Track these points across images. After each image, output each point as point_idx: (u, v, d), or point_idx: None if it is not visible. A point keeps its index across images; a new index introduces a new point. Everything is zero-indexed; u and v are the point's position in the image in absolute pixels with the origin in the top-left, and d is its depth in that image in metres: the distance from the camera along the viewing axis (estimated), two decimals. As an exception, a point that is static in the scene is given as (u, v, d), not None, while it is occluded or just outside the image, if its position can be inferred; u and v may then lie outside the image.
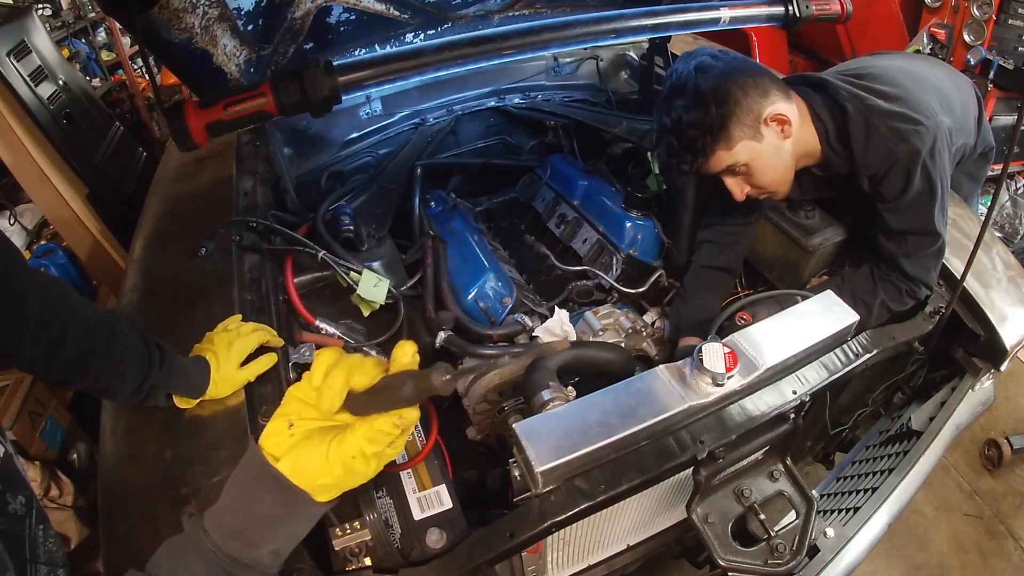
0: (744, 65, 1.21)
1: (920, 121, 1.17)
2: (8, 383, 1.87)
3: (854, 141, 1.21)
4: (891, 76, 1.27)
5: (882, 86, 1.23)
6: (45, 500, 1.74)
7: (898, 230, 1.25)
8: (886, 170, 1.20)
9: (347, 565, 0.87)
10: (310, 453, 0.65)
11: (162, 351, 0.95)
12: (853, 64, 1.44)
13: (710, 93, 1.16)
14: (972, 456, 2.31)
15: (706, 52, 1.23)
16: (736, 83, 1.17)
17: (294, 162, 1.89)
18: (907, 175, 1.18)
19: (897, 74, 1.28)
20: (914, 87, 1.24)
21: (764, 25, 1.71)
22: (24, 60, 2.33)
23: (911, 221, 1.23)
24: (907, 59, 1.47)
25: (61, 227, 2.41)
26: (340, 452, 0.65)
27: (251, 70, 1.48)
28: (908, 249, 1.26)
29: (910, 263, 1.27)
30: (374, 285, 1.34)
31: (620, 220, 1.76)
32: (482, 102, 2.19)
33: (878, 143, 1.18)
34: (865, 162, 1.21)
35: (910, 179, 1.18)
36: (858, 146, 1.21)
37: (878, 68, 1.32)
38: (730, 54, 1.24)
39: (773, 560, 0.97)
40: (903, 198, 1.21)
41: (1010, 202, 3.18)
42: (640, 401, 0.96)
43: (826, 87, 1.26)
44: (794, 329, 1.08)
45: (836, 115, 1.23)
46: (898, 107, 1.18)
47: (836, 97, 1.23)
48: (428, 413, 1.07)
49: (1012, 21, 2.94)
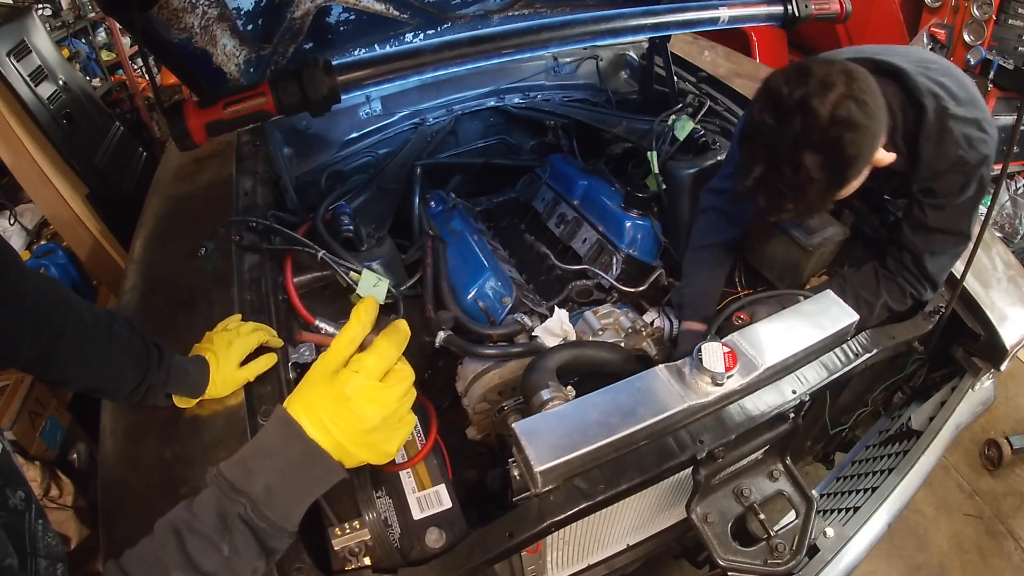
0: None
1: (987, 130, 1.16)
2: (8, 383, 1.87)
3: (924, 141, 1.16)
4: (958, 76, 1.21)
5: (953, 86, 1.18)
6: (45, 500, 1.74)
7: (935, 227, 1.23)
8: (947, 171, 1.17)
9: (346, 565, 0.86)
10: (309, 387, 0.68)
11: (160, 350, 0.95)
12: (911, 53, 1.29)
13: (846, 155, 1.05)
14: (972, 456, 2.31)
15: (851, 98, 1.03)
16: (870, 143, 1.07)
17: (294, 162, 1.88)
18: (966, 179, 1.17)
19: (960, 75, 1.23)
20: (976, 92, 1.21)
21: (763, 24, 1.71)
22: (24, 60, 2.33)
23: (951, 221, 1.22)
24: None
25: (61, 227, 2.41)
26: (336, 385, 0.67)
27: (251, 70, 1.48)
28: (936, 247, 1.25)
29: (932, 261, 1.25)
30: (374, 285, 1.34)
31: (620, 220, 1.76)
32: (482, 102, 2.19)
33: (950, 147, 1.15)
34: (931, 162, 1.18)
35: (968, 183, 1.17)
36: (928, 146, 1.16)
37: (942, 65, 1.24)
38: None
39: (773, 560, 0.97)
40: (954, 199, 1.19)
41: (1010, 202, 3.18)
42: (639, 401, 0.96)
43: (903, 78, 1.17)
44: (794, 329, 1.08)
45: (909, 111, 1.17)
46: (970, 112, 1.16)
47: (914, 92, 1.15)
48: (428, 413, 1.07)
49: (1012, 21, 2.94)
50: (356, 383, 0.67)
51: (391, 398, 0.70)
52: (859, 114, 1.01)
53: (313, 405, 0.67)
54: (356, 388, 0.67)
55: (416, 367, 0.78)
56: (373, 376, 0.69)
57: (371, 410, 0.68)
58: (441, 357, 1.46)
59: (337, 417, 0.66)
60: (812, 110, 1.01)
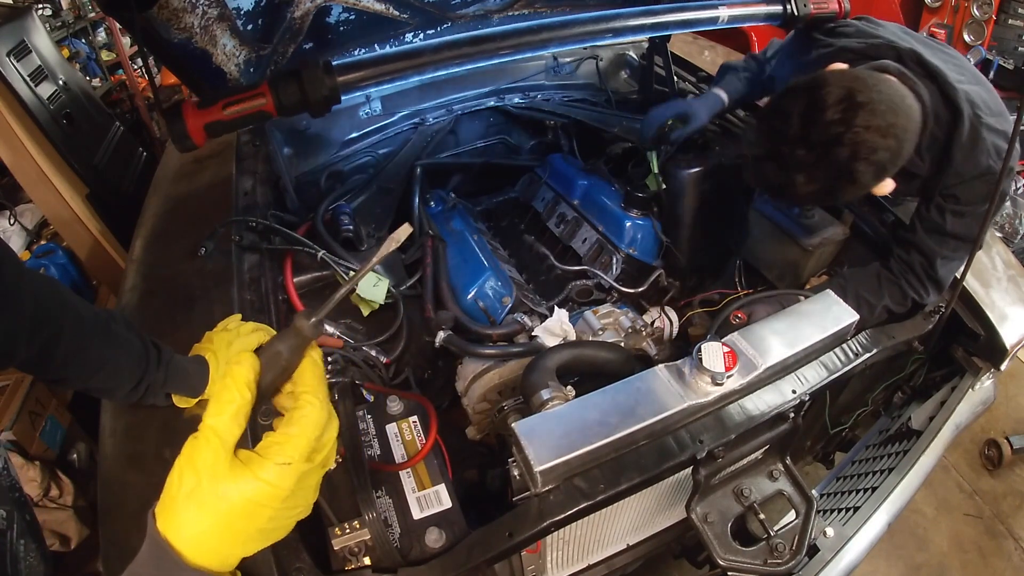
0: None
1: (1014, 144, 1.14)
2: (8, 383, 1.87)
3: (957, 147, 1.15)
4: (988, 86, 1.21)
5: (986, 95, 1.18)
6: (45, 500, 1.74)
7: (952, 232, 1.22)
8: (973, 179, 1.17)
9: (346, 564, 0.86)
10: (167, 488, 0.55)
11: (159, 349, 0.94)
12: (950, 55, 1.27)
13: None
14: (972, 456, 2.31)
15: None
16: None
17: (294, 162, 1.89)
18: (990, 188, 1.16)
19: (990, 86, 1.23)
20: (1003, 105, 1.20)
21: (762, 24, 1.71)
22: (24, 60, 2.33)
23: (969, 228, 1.21)
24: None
25: (61, 227, 2.41)
26: (185, 476, 0.53)
27: (250, 70, 1.48)
28: (949, 251, 1.24)
29: (943, 265, 1.25)
30: (374, 285, 1.34)
31: (620, 220, 1.76)
32: (482, 102, 2.19)
33: (980, 156, 1.15)
34: (960, 169, 1.17)
35: (991, 193, 1.16)
36: (959, 152, 1.16)
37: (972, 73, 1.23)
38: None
39: (773, 560, 0.97)
40: (976, 206, 1.19)
41: (1010, 202, 3.18)
42: (639, 400, 0.96)
43: (940, 81, 1.16)
44: (794, 328, 1.08)
45: (942, 116, 1.16)
46: (1000, 124, 1.16)
47: (952, 96, 1.14)
48: (428, 413, 1.07)
49: (1012, 21, 2.94)
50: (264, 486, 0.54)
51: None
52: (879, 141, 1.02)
53: (178, 526, 0.54)
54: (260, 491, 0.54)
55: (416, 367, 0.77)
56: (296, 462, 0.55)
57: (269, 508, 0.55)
58: (441, 357, 1.47)
59: (228, 531, 0.54)
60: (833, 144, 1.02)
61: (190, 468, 0.54)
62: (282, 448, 0.56)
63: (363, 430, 1.04)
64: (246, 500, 0.54)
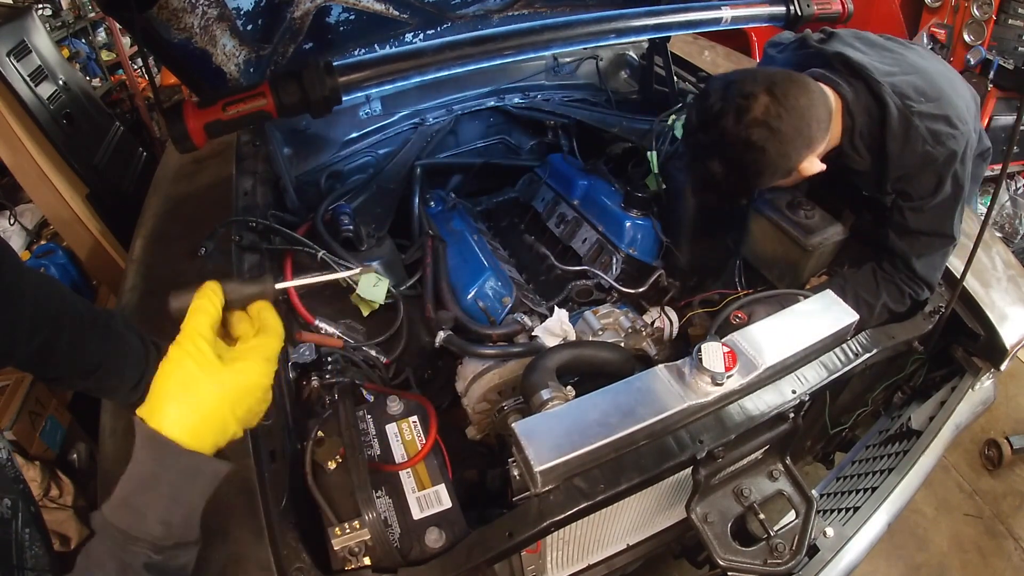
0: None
1: (957, 126, 1.16)
2: (8, 383, 1.87)
3: (890, 139, 1.17)
4: (928, 74, 1.23)
5: (920, 82, 1.19)
6: (45, 500, 1.74)
7: (916, 229, 1.24)
8: (918, 170, 1.18)
9: (346, 564, 0.86)
10: (158, 389, 0.60)
11: (159, 349, 0.94)
12: (877, 41, 1.32)
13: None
14: (972, 456, 2.31)
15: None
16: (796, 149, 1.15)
17: (294, 162, 1.88)
18: (939, 178, 1.17)
19: (934, 74, 1.24)
20: (948, 89, 1.22)
21: (765, 25, 1.71)
22: (24, 60, 2.33)
23: (932, 222, 1.22)
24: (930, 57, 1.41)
25: (61, 227, 2.41)
26: (176, 374, 0.60)
27: (250, 70, 1.48)
28: (922, 249, 1.25)
29: (920, 263, 1.26)
30: (374, 285, 1.34)
31: (620, 220, 1.76)
32: (482, 102, 2.19)
33: (916, 144, 1.16)
34: (899, 161, 1.19)
35: (941, 182, 1.17)
36: (894, 144, 1.17)
37: (910, 64, 1.26)
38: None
39: (773, 560, 0.97)
40: (930, 199, 1.20)
41: (1010, 202, 3.18)
42: (639, 400, 0.96)
43: (864, 77, 1.19)
44: (794, 328, 1.08)
45: (873, 110, 1.19)
46: (937, 109, 1.17)
47: (877, 91, 1.17)
48: (428, 413, 1.07)
49: (1012, 21, 2.94)
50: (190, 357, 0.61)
51: (255, 369, 0.65)
52: (767, 138, 1.11)
53: (164, 412, 0.59)
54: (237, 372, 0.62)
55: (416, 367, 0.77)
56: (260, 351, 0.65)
57: (228, 382, 0.62)
58: (441, 357, 1.46)
59: (197, 412, 0.60)
60: (724, 127, 1.13)
61: (184, 364, 0.61)
62: (264, 348, 0.66)
63: (363, 430, 1.04)
64: (240, 387, 0.62)
